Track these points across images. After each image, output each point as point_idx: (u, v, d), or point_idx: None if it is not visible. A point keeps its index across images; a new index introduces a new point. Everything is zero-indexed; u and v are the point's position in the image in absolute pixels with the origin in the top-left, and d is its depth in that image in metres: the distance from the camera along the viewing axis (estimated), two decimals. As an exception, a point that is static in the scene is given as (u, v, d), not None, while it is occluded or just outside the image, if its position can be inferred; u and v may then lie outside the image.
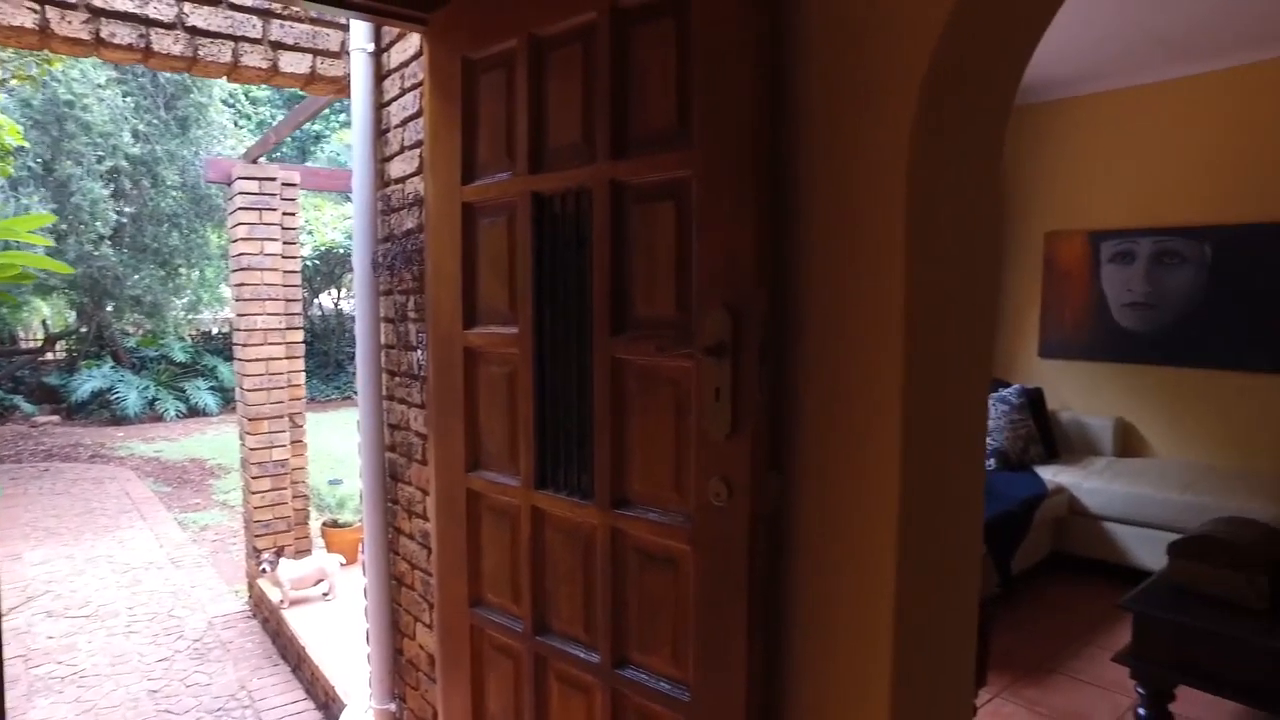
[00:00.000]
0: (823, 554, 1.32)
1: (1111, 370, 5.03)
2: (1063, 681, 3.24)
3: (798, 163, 1.33)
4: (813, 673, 1.35)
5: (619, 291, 1.54)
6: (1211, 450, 4.66)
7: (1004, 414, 4.65)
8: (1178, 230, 4.72)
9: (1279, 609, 2.71)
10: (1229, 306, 4.55)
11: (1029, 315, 5.40)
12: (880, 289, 1.24)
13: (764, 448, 1.31)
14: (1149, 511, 4.08)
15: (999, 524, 3.76)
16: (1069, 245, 5.17)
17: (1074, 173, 5.16)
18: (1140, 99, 4.86)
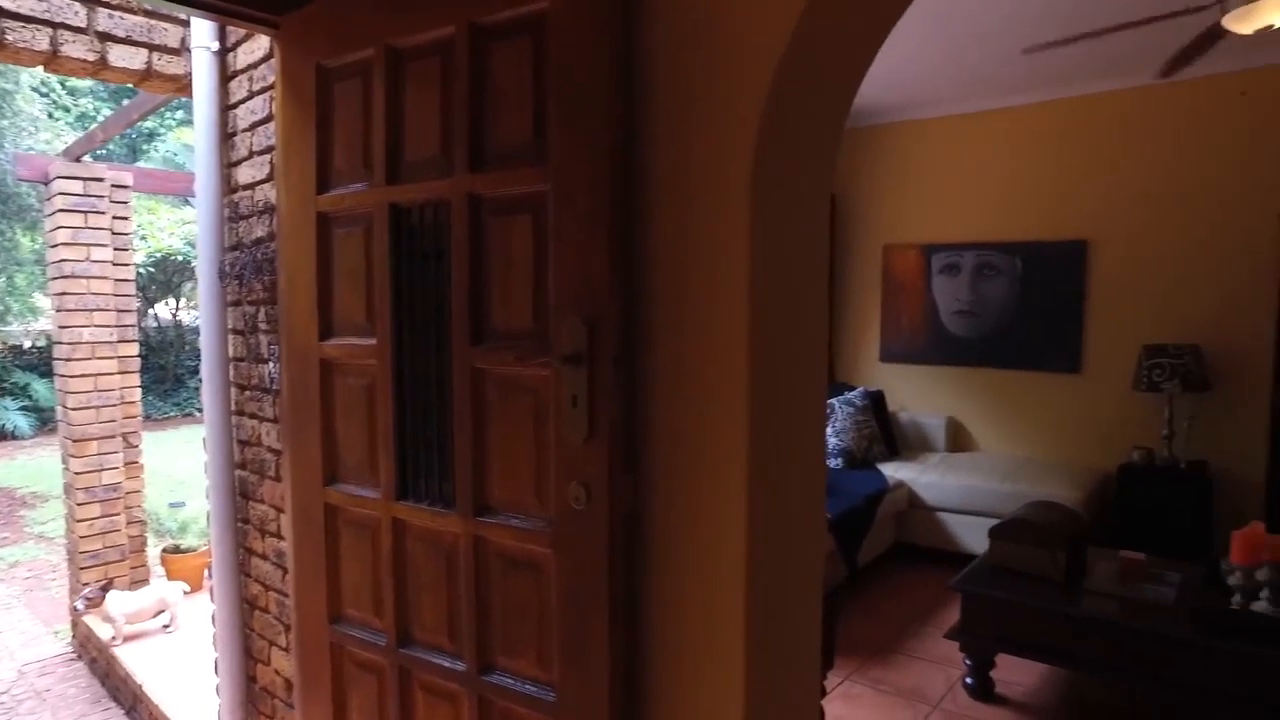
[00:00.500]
0: (678, 551, 1.40)
1: (943, 373, 5.48)
2: (904, 660, 3.51)
3: (649, 179, 1.41)
4: (672, 664, 1.42)
5: (478, 302, 1.57)
6: (1027, 443, 5.17)
7: (849, 415, 4.97)
8: (995, 245, 5.22)
9: (1075, 580, 3.06)
10: (1036, 314, 5.07)
11: (871, 323, 5.80)
12: (726, 299, 1.33)
13: (620, 451, 1.38)
14: (977, 501, 4.48)
15: (846, 519, 4.02)
16: (904, 258, 5.60)
17: (908, 190, 5.59)
18: (964, 126, 5.34)
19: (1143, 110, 4.72)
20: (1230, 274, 4.47)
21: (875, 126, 5.69)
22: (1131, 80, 4.67)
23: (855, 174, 5.80)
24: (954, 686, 3.25)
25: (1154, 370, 4.38)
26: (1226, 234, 4.48)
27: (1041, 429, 5.12)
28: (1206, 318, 4.56)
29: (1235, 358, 4.47)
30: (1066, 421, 5.02)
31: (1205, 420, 4.53)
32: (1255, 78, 4.36)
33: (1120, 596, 2.94)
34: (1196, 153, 4.57)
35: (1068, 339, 4.97)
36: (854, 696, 3.22)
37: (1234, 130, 4.45)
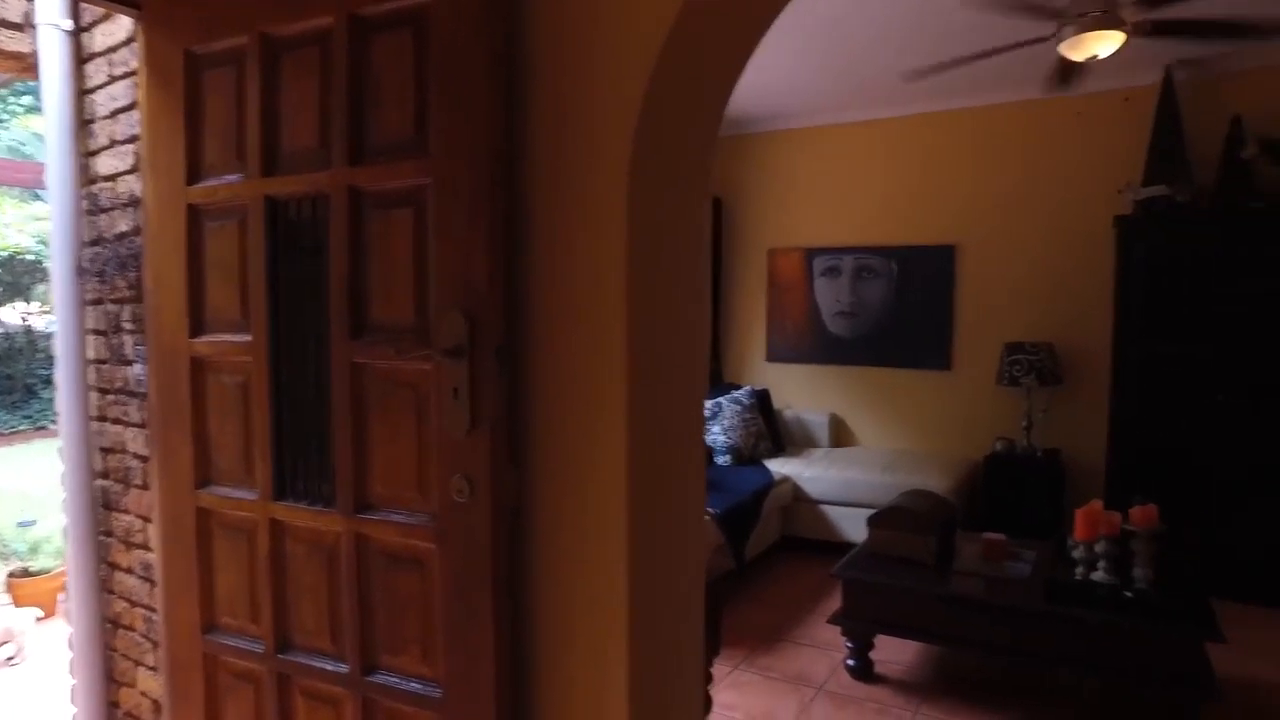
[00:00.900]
0: (562, 543, 1.43)
1: (826, 371, 5.72)
2: (790, 647, 3.64)
3: (530, 173, 1.43)
4: (558, 654, 1.44)
5: (357, 296, 1.55)
6: (903, 437, 5.46)
7: (736, 414, 5.11)
8: (873, 249, 5.49)
9: (946, 562, 3.26)
10: (911, 314, 5.37)
11: (757, 324, 5.98)
12: (605, 294, 1.37)
13: (503, 443, 1.39)
14: (857, 493, 4.69)
15: (733, 514, 4.14)
16: (788, 261, 5.81)
17: (791, 196, 5.81)
18: (843, 135, 5.59)
19: (1001, 125, 5.08)
20: (1076, 276, 4.87)
21: (760, 134, 5.89)
22: (993, 97, 5.02)
23: (741, 179, 5.98)
24: (837, 669, 3.40)
25: (1014, 366, 4.72)
26: (1072, 240, 4.87)
27: (916, 423, 5.42)
28: (1058, 317, 4.94)
29: (1082, 354, 4.86)
30: (938, 415, 5.34)
31: (1058, 411, 4.91)
32: (1090, 101, 4.76)
33: (984, 575, 3.15)
34: (1046, 165, 4.95)
35: (939, 338, 5.29)
36: (743, 684, 3.32)
37: (1074, 146, 4.85)
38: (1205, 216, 4.16)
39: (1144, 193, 4.32)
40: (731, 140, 6.00)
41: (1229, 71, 4.45)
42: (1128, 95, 4.68)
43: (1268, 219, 4.01)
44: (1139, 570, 2.82)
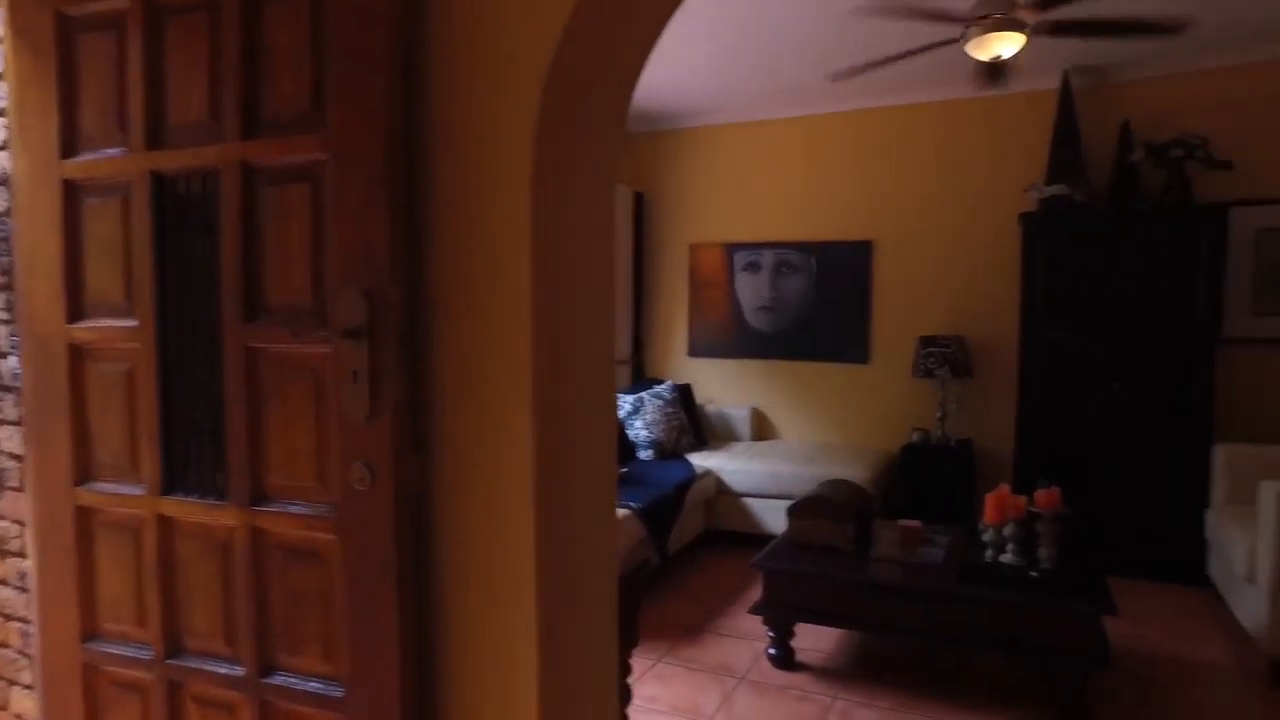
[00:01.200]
0: (467, 533, 1.38)
1: (747, 366, 5.78)
2: (712, 638, 3.65)
3: (432, 151, 1.38)
4: (465, 647, 1.39)
5: (251, 277, 1.47)
6: (823, 429, 5.56)
7: (659, 408, 5.11)
8: (792, 245, 5.57)
9: (863, 549, 3.32)
10: (830, 309, 5.47)
11: (679, 319, 6.00)
12: (509, 276, 1.32)
13: (405, 429, 1.33)
14: (779, 485, 4.74)
15: (656, 508, 4.13)
16: (709, 256, 5.84)
17: (712, 191, 5.85)
18: (763, 131, 5.66)
19: (917, 125, 5.22)
20: (986, 272, 5.04)
21: (681, 130, 5.91)
22: (908, 97, 5.16)
23: (663, 175, 5.99)
24: (759, 658, 3.42)
25: (928, 359, 4.85)
26: (982, 236, 5.04)
27: (836, 416, 5.52)
28: (969, 311, 5.11)
29: (991, 346, 5.04)
30: (857, 408, 5.45)
31: (969, 402, 5.08)
32: (998, 102, 4.94)
33: (901, 561, 3.22)
34: (958, 164, 5.11)
35: (857, 332, 5.40)
36: (666, 677, 3.31)
37: (985, 146, 5.03)
38: (1099, 216, 4.36)
39: (1046, 192, 4.50)
40: (653, 136, 6.01)
41: (1119, 81, 4.68)
42: (1032, 96, 4.88)
43: (1152, 219, 4.23)
44: (1043, 550, 2.93)
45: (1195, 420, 4.13)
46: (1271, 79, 4.39)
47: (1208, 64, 4.49)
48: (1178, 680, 3.17)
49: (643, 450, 5.00)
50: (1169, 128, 4.46)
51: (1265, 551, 3.08)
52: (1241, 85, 4.46)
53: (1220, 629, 3.66)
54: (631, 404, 5.12)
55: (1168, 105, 4.58)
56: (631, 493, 4.18)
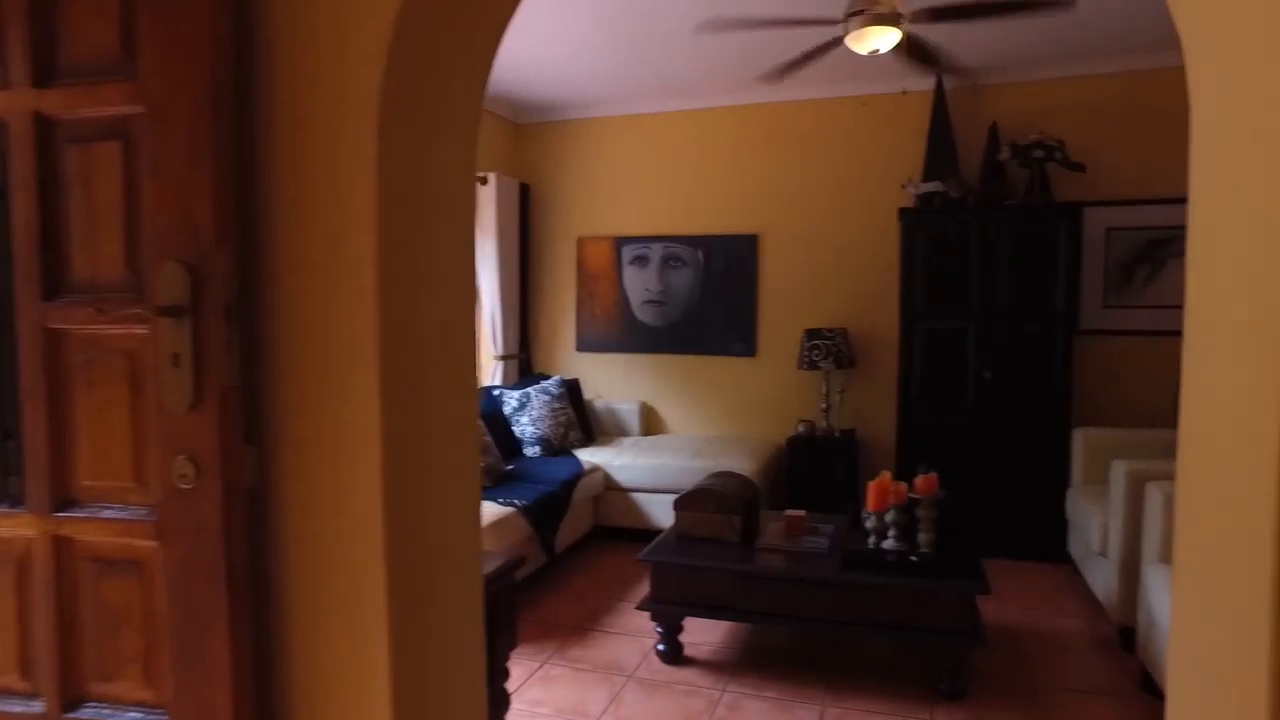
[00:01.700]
0: (311, 530, 1.24)
1: (635, 360, 5.73)
2: (601, 637, 3.57)
3: (268, 108, 1.23)
4: (309, 661, 1.25)
5: (52, 248, 1.27)
6: (712, 423, 5.57)
7: (545, 404, 4.99)
8: (680, 238, 5.56)
9: (750, 540, 3.31)
10: (717, 303, 5.49)
11: (566, 313, 5.89)
12: (353, 250, 1.19)
13: (235, 419, 1.18)
14: (667, 479, 4.71)
15: (542, 505, 4.01)
16: (597, 250, 5.76)
17: (600, 184, 5.76)
18: (650, 124, 5.61)
19: (801, 120, 5.30)
20: (868, 265, 5.17)
21: (569, 121, 5.80)
22: (793, 93, 5.22)
23: (550, 167, 5.86)
24: (648, 655, 3.36)
25: (813, 351, 4.93)
26: (864, 230, 5.17)
27: (724, 409, 5.54)
28: (852, 303, 5.22)
29: (873, 338, 5.18)
30: (745, 401, 5.49)
31: (853, 393, 5.20)
32: (878, 100, 5.08)
33: (786, 550, 3.22)
34: (841, 159, 5.22)
35: (744, 325, 5.44)
36: (553, 678, 3.20)
37: (866, 142, 5.15)
38: (971, 211, 4.53)
39: (923, 188, 4.65)
40: (541, 127, 5.87)
41: (989, 84, 4.89)
42: (909, 96, 5.03)
43: (1018, 215, 4.43)
44: (923, 535, 2.99)
45: (1057, 406, 4.35)
46: (1118, 89, 4.68)
47: (1066, 72, 4.75)
48: (1041, 650, 3.32)
49: (529, 447, 4.87)
50: (1032, 130, 4.69)
51: (1116, 526, 3.26)
52: (1094, 94, 4.74)
53: (1078, 601, 3.86)
54: (518, 400, 4.98)
55: (1031, 109, 4.82)
56: (517, 490, 4.04)
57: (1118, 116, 4.72)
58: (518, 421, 4.92)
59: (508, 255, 5.51)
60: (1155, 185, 4.67)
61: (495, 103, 5.55)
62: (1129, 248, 4.74)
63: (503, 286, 5.45)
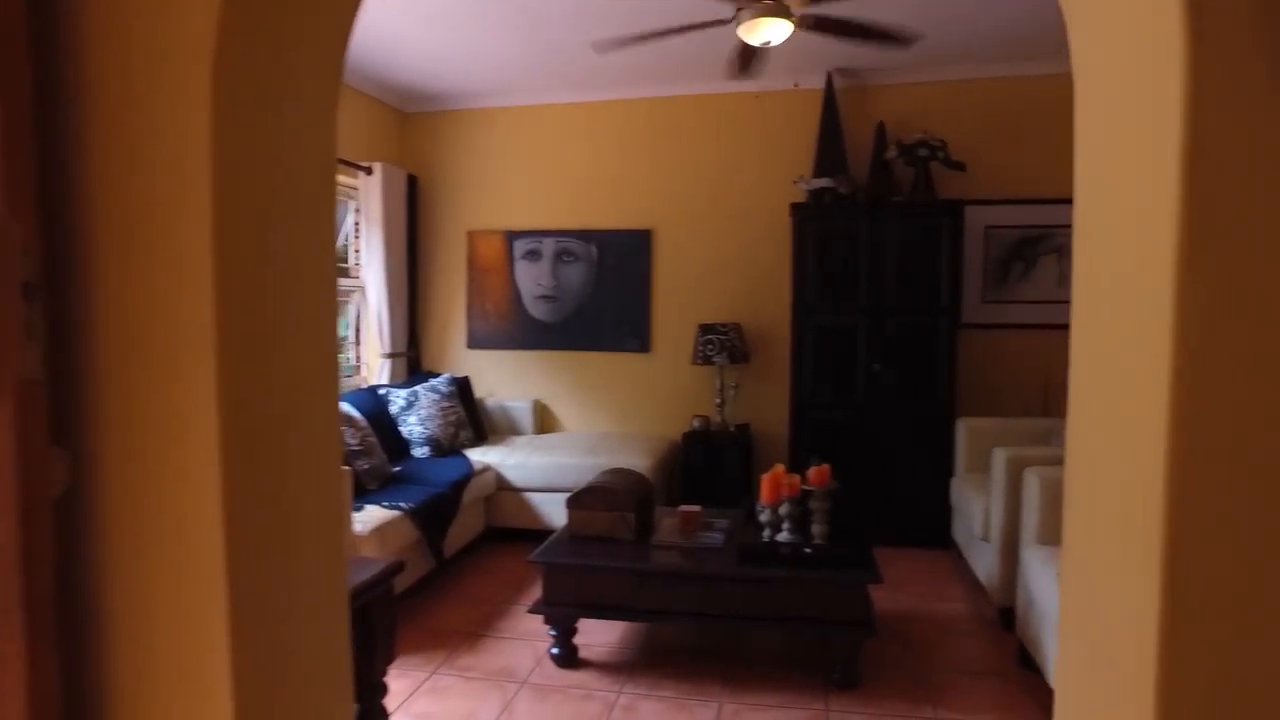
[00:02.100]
0: (136, 542, 1.07)
1: (528, 357, 5.58)
2: (493, 643, 3.42)
3: (83, 51, 1.05)
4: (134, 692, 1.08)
5: None
6: (607, 420, 5.49)
7: (435, 403, 4.79)
8: (573, 233, 5.45)
9: (644, 537, 3.25)
10: (611, 298, 5.41)
11: (457, 309, 5.69)
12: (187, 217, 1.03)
13: (37, 414, 1.00)
14: (561, 478, 4.59)
15: (429, 508, 3.83)
16: (488, 244, 5.59)
17: (491, 177, 5.59)
18: (542, 116, 5.48)
19: (694, 114, 5.28)
20: (760, 260, 5.21)
21: (459, 112, 5.60)
22: (687, 87, 5.20)
23: (439, 158, 5.65)
24: (541, 659, 3.25)
25: (707, 346, 4.92)
26: (756, 225, 5.20)
27: (618, 405, 5.47)
28: (745, 298, 5.25)
29: (766, 332, 5.22)
30: (639, 397, 5.44)
31: (747, 388, 5.23)
32: (771, 97, 5.13)
33: (681, 547, 3.17)
34: (734, 155, 5.24)
35: (638, 321, 5.38)
36: (442, 689, 3.04)
37: (759, 138, 5.19)
38: (861, 208, 4.62)
39: (814, 184, 4.71)
40: (429, 117, 5.65)
41: (876, 84, 5.01)
42: (801, 92, 5.09)
43: (904, 212, 4.54)
44: (816, 527, 2.99)
45: (942, 398, 4.48)
46: (997, 94, 4.88)
47: (948, 76, 4.91)
48: (929, 634, 3.40)
49: (418, 447, 4.66)
50: (917, 129, 4.83)
51: (997, 511, 3.37)
52: (974, 97, 4.92)
53: (961, 585, 3.99)
54: (405, 399, 4.75)
55: (916, 109, 4.96)
56: (404, 493, 3.85)
57: (995, 120, 4.92)
58: (405, 421, 4.70)
59: (395, 249, 5.26)
60: (1029, 186, 4.90)
61: (381, 90, 5.30)
62: (1005, 246, 4.95)
63: (390, 281, 5.20)
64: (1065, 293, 5.11)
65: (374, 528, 3.36)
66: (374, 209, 5.12)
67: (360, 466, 3.86)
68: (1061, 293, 4.89)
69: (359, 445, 3.91)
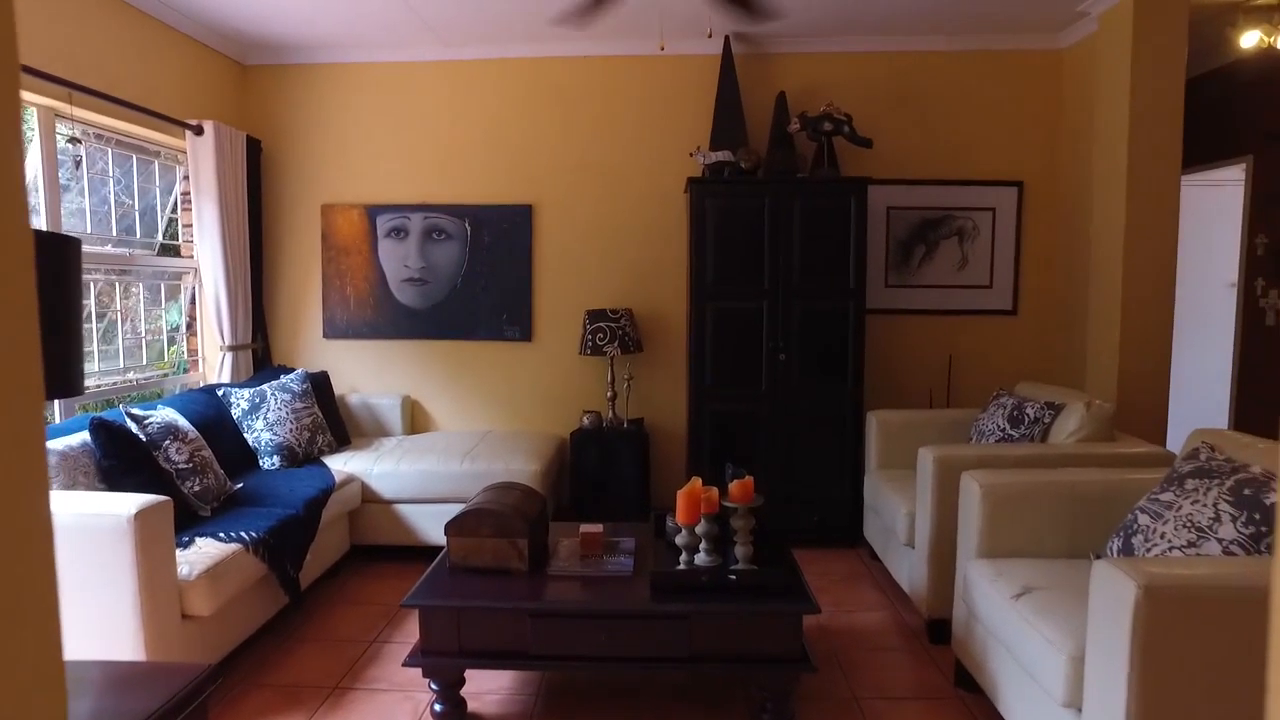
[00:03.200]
0: None
1: (395, 348, 4.95)
2: (363, 697, 2.87)
3: None
4: None
5: None
6: (486, 417, 4.95)
7: (286, 404, 4.11)
8: (443, 208, 4.84)
9: (539, 566, 2.78)
10: (487, 281, 4.86)
11: (311, 295, 4.97)
12: None
13: None
14: (436, 487, 4.04)
15: (281, 533, 3.20)
16: (346, 219, 4.89)
17: (349, 142, 4.88)
18: (407, 74, 4.82)
19: (580, 78, 4.77)
20: (654, 239, 4.79)
21: (309, 66, 4.84)
22: (571, 48, 4.67)
23: (287, 119, 4.88)
24: (422, 715, 2.73)
25: (597, 334, 4.46)
26: (650, 202, 4.77)
27: (499, 401, 4.94)
28: (637, 282, 4.82)
29: (661, 319, 4.82)
30: (522, 391, 4.93)
31: (641, 379, 4.81)
32: (665, 63, 4.69)
33: (584, 577, 2.72)
34: (625, 125, 4.77)
35: (519, 306, 4.86)
36: (295, 766, 2.48)
37: (652, 107, 4.74)
38: (762, 183, 4.27)
39: (712, 157, 4.32)
40: (275, 71, 4.86)
41: (775, 52, 4.66)
42: (697, 61, 4.68)
43: (808, 189, 4.23)
44: (739, 548, 2.61)
45: (851, 388, 4.23)
46: (899, 67, 4.64)
47: (850, 48, 4.63)
48: (855, 650, 3.11)
49: (267, 458, 3.98)
50: (819, 101, 4.52)
51: (925, 517, 3.12)
52: (876, 71, 4.66)
53: (879, 591, 3.75)
54: (249, 400, 4.05)
55: (818, 80, 4.66)
56: (247, 517, 3.20)
57: (898, 96, 4.69)
58: (250, 427, 4.00)
59: (234, 223, 4.49)
60: (933, 167, 4.70)
61: (216, 37, 4.48)
62: (907, 227, 4.75)
63: (229, 261, 4.44)
64: (965, 277, 5.00)
65: (204, 570, 2.72)
66: (206, 176, 4.33)
67: (189, 489, 3.18)
68: (961, 277, 4.75)
69: (187, 463, 3.22)
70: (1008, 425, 3.46)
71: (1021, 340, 4.78)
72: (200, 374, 4.71)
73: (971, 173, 4.69)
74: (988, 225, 4.72)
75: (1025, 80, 4.66)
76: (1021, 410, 3.45)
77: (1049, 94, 4.66)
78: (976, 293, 4.75)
